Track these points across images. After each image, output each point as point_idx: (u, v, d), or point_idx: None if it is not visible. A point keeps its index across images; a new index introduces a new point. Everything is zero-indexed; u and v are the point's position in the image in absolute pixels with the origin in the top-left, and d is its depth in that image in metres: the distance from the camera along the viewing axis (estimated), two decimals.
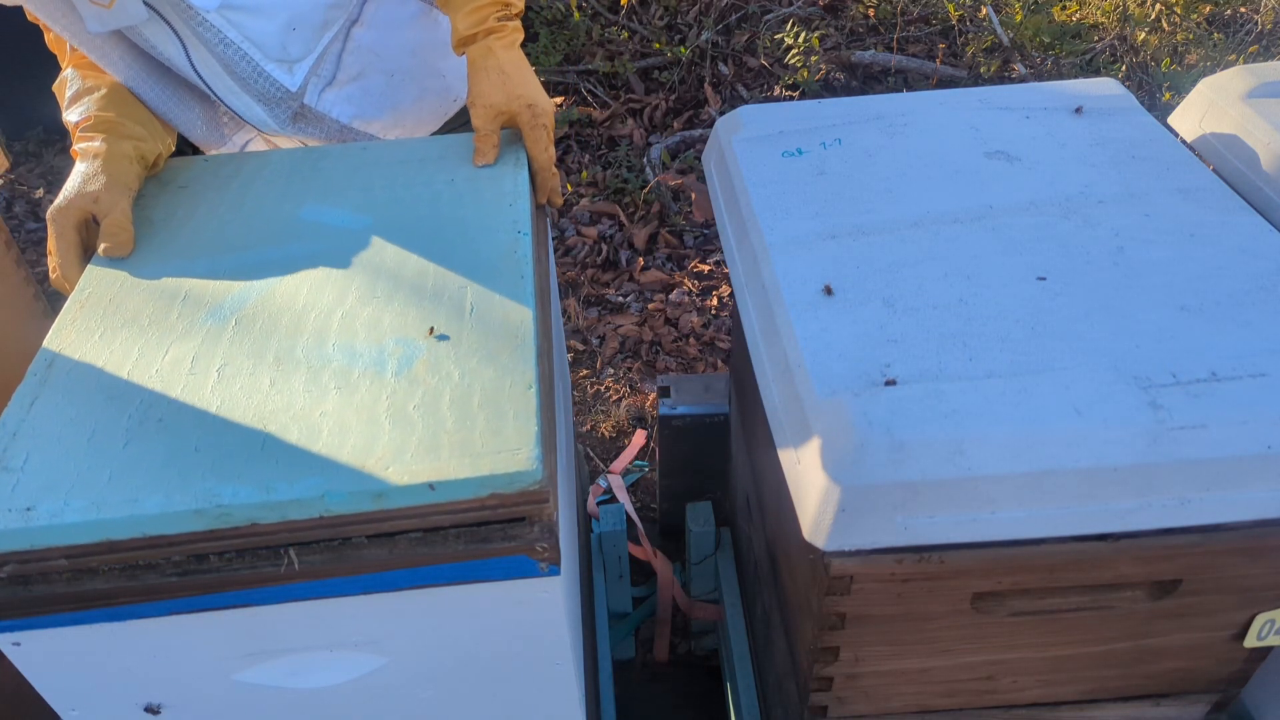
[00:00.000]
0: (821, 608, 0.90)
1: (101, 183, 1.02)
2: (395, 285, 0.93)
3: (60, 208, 1.01)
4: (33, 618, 0.77)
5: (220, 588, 0.77)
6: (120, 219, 1.01)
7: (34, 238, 3.21)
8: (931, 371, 0.85)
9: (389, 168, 1.12)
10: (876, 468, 0.79)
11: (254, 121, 1.20)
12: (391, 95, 1.29)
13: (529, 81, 1.13)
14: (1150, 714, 1.07)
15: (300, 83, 1.17)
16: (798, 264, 1.00)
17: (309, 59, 1.17)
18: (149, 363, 0.86)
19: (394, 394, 0.81)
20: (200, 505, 0.73)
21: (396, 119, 1.31)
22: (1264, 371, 0.83)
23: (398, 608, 0.81)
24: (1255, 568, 0.89)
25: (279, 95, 1.16)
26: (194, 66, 1.12)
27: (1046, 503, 0.81)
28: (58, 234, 1.00)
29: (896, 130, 1.20)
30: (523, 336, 0.86)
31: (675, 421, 1.70)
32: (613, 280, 2.87)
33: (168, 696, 0.86)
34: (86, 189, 1.01)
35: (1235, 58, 3.28)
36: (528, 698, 0.92)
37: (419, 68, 1.31)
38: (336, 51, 1.20)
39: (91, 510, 0.73)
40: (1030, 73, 3.32)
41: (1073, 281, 0.94)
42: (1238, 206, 1.04)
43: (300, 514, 0.74)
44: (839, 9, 3.64)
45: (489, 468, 0.74)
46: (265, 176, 1.12)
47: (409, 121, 1.33)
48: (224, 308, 0.92)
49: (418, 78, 1.31)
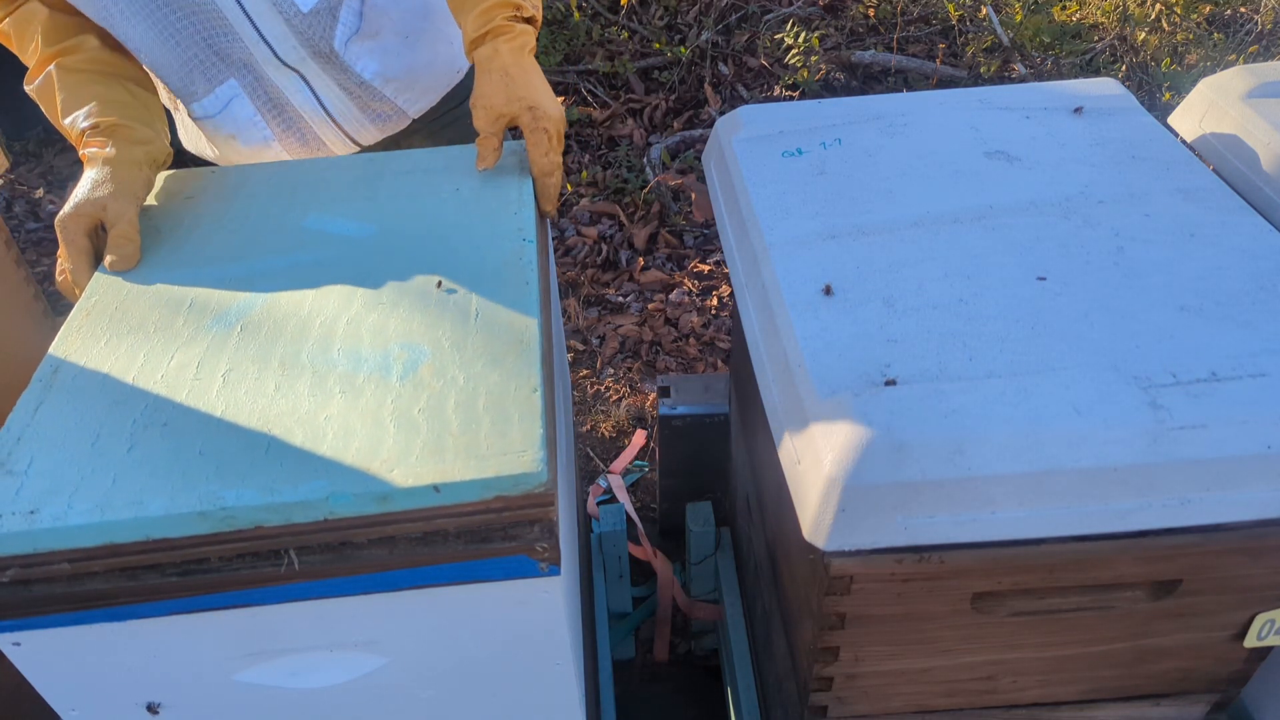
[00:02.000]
0: (821, 608, 0.90)
1: (109, 190, 1.02)
2: (400, 292, 0.94)
3: (69, 215, 1.01)
4: (33, 618, 0.77)
5: (221, 588, 0.77)
6: (127, 230, 1.00)
7: (34, 238, 3.21)
8: (931, 371, 0.85)
9: (393, 178, 1.12)
10: (876, 468, 0.79)
11: (269, 36, 1.18)
12: (408, 56, 1.30)
13: (533, 84, 1.10)
14: (1150, 714, 1.07)
15: (312, 6, 1.17)
16: (798, 264, 1.00)
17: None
18: (154, 368, 0.86)
19: (399, 398, 0.81)
20: (204, 508, 0.73)
21: (411, 80, 1.32)
22: (1264, 371, 0.83)
23: (398, 608, 0.81)
24: (1255, 568, 0.90)
25: (290, 11, 1.16)
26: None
27: (1046, 503, 0.81)
28: (68, 241, 1.00)
29: (896, 130, 1.20)
30: (527, 341, 0.86)
31: (675, 421, 1.70)
32: (613, 280, 2.87)
33: (168, 696, 0.86)
34: (94, 195, 1.01)
35: (1235, 58, 3.28)
36: (528, 698, 0.93)
37: (430, 31, 1.33)
38: (357, 6, 1.22)
39: (95, 513, 0.73)
40: (1030, 73, 3.32)
41: (1073, 281, 0.94)
42: (1238, 206, 1.04)
43: (304, 516, 0.74)
44: (839, 9, 3.64)
45: (494, 470, 0.74)
46: (270, 187, 1.12)
47: (421, 84, 1.34)
48: (229, 314, 0.92)
49: (429, 41, 1.33)
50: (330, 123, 1.30)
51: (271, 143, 1.30)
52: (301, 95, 1.26)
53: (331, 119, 1.30)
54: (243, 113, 1.27)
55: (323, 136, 1.32)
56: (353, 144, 1.34)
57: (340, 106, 1.29)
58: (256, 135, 1.29)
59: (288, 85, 1.25)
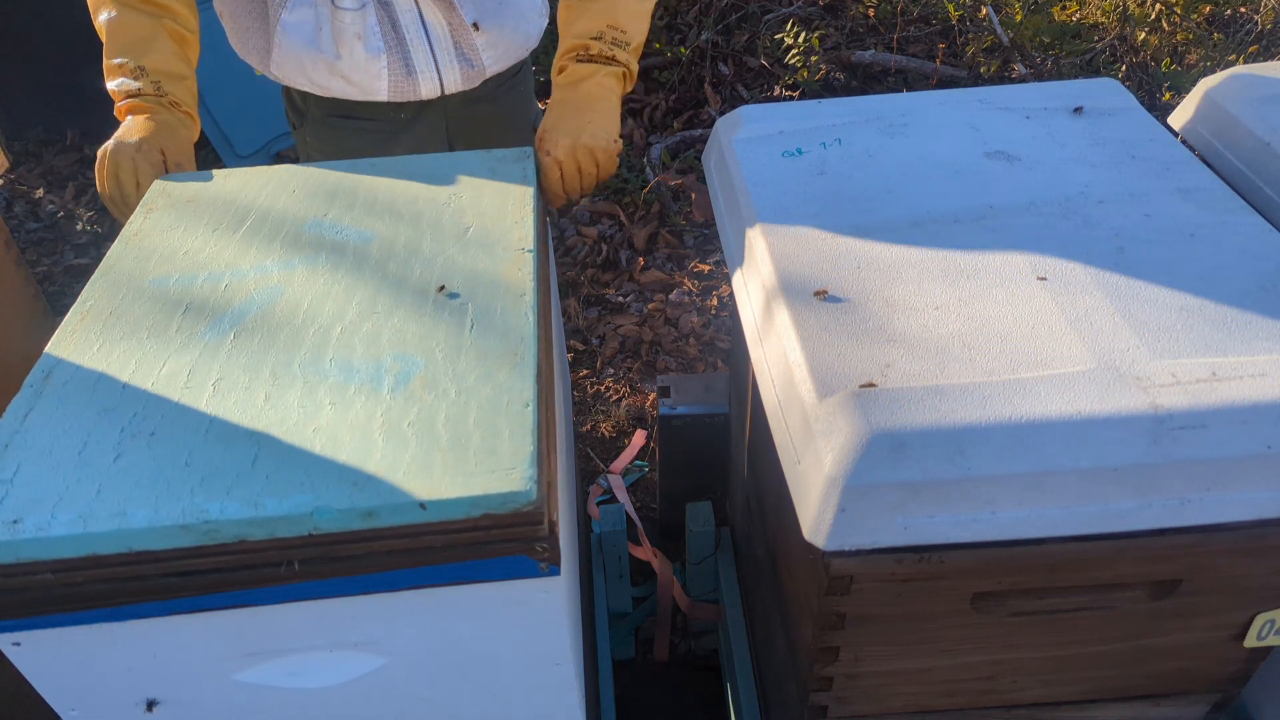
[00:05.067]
0: (821, 608, 0.90)
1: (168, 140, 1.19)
2: (396, 300, 0.93)
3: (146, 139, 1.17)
4: (33, 618, 0.77)
5: (220, 588, 0.77)
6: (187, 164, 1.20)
7: (34, 238, 3.21)
8: (931, 371, 0.85)
9: (395, 183, 1.12)
10: (876, 468, 0.79)
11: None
12: (499, 15, 1.41)
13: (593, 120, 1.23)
14: (1150, 714, 1.07)
15: None
16: (798, 264, 1.00)
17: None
18: (145, 375, 0.86)
19: (389, 410, 0.80)
20: (187, 521, 0.72)
21: (497, 37, 1.42)
22: (1264, 372, 0.83)
23: (398, 608, 0.81)
24: (1255, 568, 0.89)
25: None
26: None
27: (1046, 503, 0.81)
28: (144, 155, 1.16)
29: (896, 130, 1.20)
30: (522, 354, 0.85)
31: (675, 421, 1.70)
32: (613, 280, 2.87)
33: (168, 696, 0.86)
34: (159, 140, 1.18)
35: (1235, 58, 3.28)
36: (528, 698, 0.92)
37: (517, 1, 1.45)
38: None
39: (78, 524, 0.72)
40: (1030, 73, 3.32)
41: (1073, 281, 0.94)
42: (1238, 206, 1.04)
43: (289, 531, 0.73)
44: (839, 9, 3.64)
45: (481, 487, 0.73)
46: (271, 191, 1.12)
47: (502, 46, 1.44)
48: (224, 321, 0.92)
49: (515, 8, 1.44)
50: (429, 53, 1.39)
51: (380, 54, 1.37)
52: (411, 15, 1.35)
53: (431, 50, 1.38)
54: (370, 19, 1.35)
55: (418, 67, 1.39)
56: (439, 86, 1.42)
57: (441, 37, 1.38)
58: (373, 44, 1.36)
59: (403, 4, 1.34)
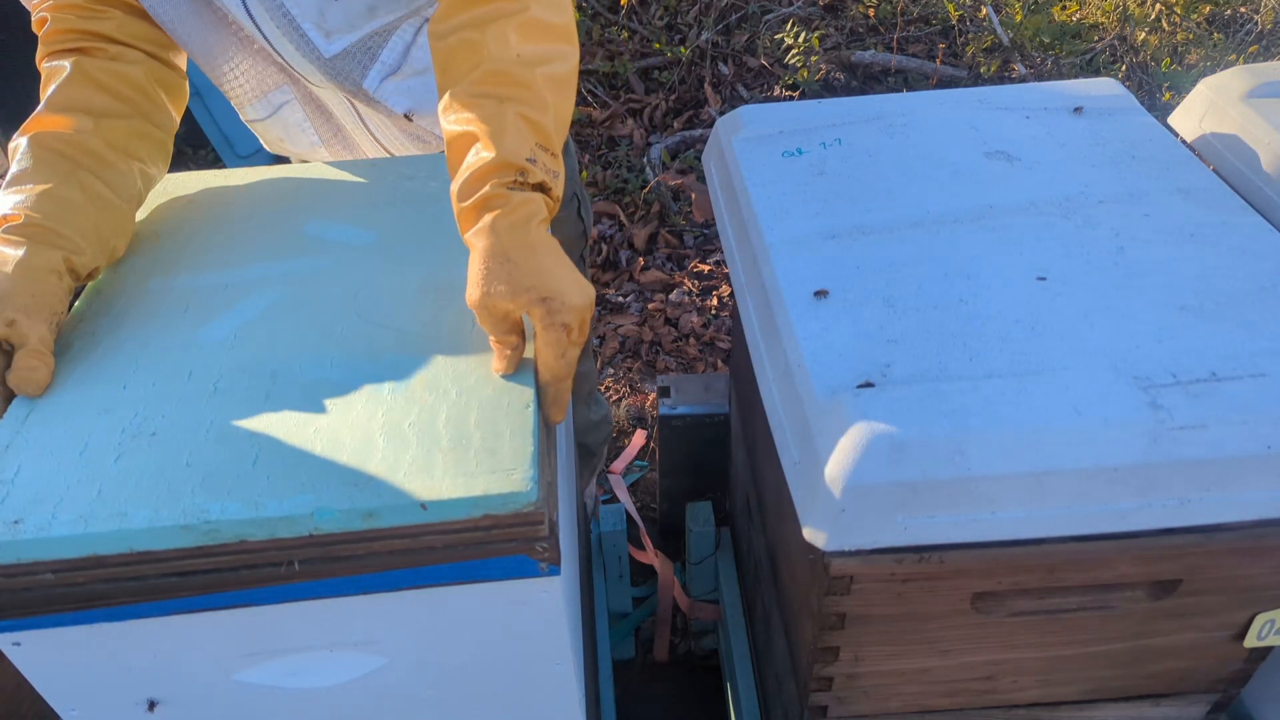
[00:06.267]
0: (821, 608, 0.90)
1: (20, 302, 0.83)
2: (397, 301, 0.93)
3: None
4: (33, 618, 0.77)
5: (221, 588, 0.77)
6: (39, 347, 0.84)
7: None
8: (931, 371, 0.85)
9: (395, 184, 1.12)
10: (876, 468, 0.79)
11: (300, 71, 1.19)
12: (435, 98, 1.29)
13: (545, 269, 0.81)
14: (1150, 714, 1.07)
15: (336, 50, 1.16)
16: (798, 264, 1.00)
17: (350, 36, 1.16)
18: (147, 375, 0.86)
19: (390, 411, 0.80)
20: (188, 521, 0.72)
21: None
22: (1264, 371, 0.83)
23: (398, 608, 0.81)
24: (1255, 568, 0.90)
25: (313, 55, 1.16)
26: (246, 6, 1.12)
27: (1046, 503, 0.81)
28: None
29: (896, 130, 1.20)
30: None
31: (675, 421, 1.70)
32: (613, 280, 2.87)
33: (168, 696, 0.86)
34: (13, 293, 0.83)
35: (1235, 58, 3.28)
36: (528, 698, 0.92)
37: None
38: (405, 44, 1.21)
39: (79, 524, 0.72)
40: (1030, 73, 3.33)
41: (1073, 281, 0.94)
42: (1238, 206, 1.04)
43: (289, 532, 0.73)
44: (839, 9, 3.65)
45: (483, 488, 0.73)
46: (271, 193, 1.12)
47: None
48: (226, 321, 0.92)
49: None
50: (373, 140, 1.31)
51: (319, 148, 1.32)
52: (343, 109, 1.28)
53: (374, 138, 1.31)
54: (292, 117, 1.29)
55: (366, 151, 1.33)
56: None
57: (383, 128, 1.30)
58: (304, 140, 1.31)
59: (333, 100, 1.26)
